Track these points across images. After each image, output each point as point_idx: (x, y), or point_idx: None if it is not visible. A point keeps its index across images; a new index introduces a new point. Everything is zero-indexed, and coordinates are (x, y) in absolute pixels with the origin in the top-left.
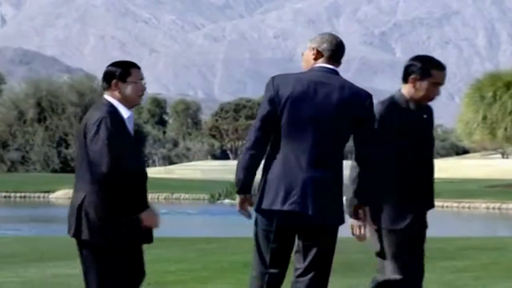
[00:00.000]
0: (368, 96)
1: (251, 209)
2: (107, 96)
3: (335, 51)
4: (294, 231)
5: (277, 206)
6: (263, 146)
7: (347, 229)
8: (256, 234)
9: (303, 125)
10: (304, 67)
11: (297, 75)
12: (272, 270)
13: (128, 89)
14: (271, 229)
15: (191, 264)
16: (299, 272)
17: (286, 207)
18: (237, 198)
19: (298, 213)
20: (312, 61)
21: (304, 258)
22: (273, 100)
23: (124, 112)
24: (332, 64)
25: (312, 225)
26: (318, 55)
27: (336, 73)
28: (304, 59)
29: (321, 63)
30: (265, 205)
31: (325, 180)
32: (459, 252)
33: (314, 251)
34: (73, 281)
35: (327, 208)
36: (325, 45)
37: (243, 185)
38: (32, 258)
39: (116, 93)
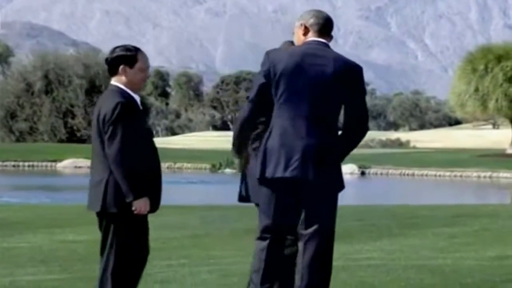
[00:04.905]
0: (360, 69)
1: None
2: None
3: (323, 24)
4: (296, 198)
5: (279, 174)
6: (256, 117)
7: (344, 197)
8: (260, 202)
9: (298, 95)
10: (297, 44)
11: (291, 49)
12: (275, 236)
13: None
14: (274, 196)
15: (194, 230)
16: (305, 239)
17: (288, 174)
18: (237, 161)
19: (299, 179)
20: (302, 37)
21: (307, 225)
22: (269, 74)
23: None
24: (323, 38)
25: (312, 191)
26: (307, 30)
27: (327, 46)
28: (295, 37)
29: (311, 37)
30: (268, 174)
31: (322, 147)
32: (451, 219)
33: (316, 217)
34: (79, 248)
35: (326, 174)
36: (312, 20)
37: (238, 150)
38: (40, 225)
39: (123, 78)
